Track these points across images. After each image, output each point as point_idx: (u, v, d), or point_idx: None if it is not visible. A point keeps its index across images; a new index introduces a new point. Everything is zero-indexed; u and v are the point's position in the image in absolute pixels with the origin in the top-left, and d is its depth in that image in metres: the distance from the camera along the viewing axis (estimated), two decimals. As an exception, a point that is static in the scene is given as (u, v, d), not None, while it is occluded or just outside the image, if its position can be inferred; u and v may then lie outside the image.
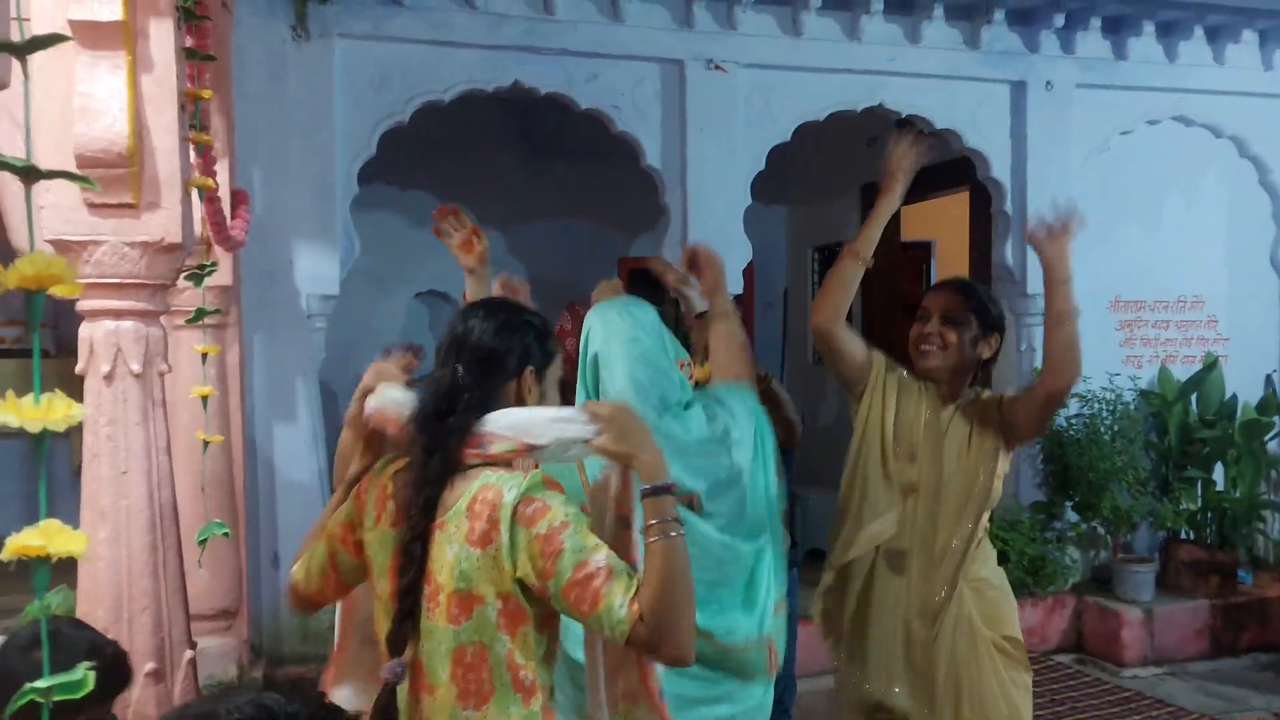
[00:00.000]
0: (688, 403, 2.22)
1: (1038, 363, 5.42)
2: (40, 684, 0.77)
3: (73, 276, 0.80)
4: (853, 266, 2.69)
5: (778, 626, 2.27)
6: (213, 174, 2.91)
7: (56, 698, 0.78)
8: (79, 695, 0.80)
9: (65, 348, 6.78)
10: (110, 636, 2.49)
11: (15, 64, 1.12)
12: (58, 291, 0.81)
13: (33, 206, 2.63)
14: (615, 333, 2.19)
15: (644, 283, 3.14)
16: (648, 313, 2.26)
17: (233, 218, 3.68)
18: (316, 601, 1.92)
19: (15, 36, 0.87)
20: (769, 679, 2.27)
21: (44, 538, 0.79)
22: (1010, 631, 2.75)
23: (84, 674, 0.79)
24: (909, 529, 2.71)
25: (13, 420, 0.79)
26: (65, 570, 1.23)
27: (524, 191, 7.89)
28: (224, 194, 3.55)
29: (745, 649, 2.17)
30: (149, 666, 2.47)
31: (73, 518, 6.74)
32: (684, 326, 2.84)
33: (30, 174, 0.80)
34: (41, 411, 0.78)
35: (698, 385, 2.39)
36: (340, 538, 1.81)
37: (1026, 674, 2.77)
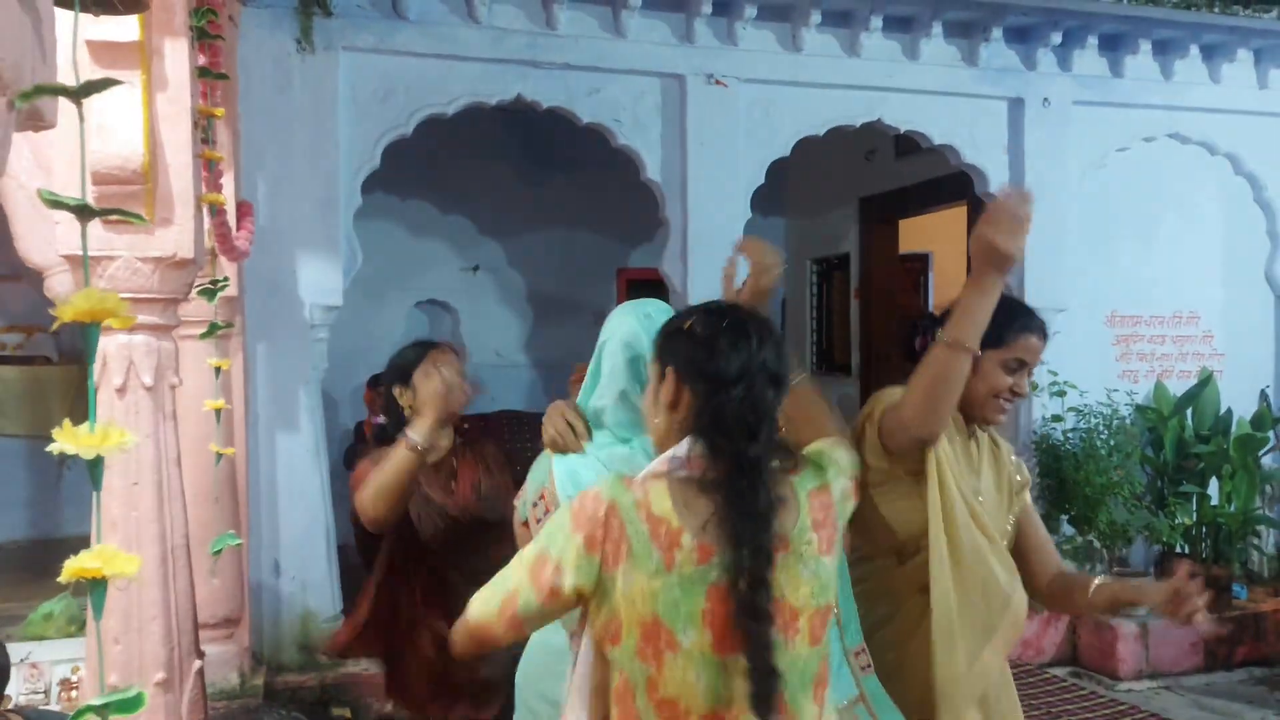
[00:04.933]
0: None
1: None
2: None
3: (125, 309, 0.84)
4: (961, 361, 1.97)
5: None
6: (219, 189, 2.95)
7: None
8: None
9: (67, 356, 6.82)
10: (120, 646, 2.53)
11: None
12: (113, 324, 0.84)
13: (49, 225, 2.67)
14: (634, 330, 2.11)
15: (645, 295, 3.13)
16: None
17: (237, 229, 3.72)
18: (487, 639, 1.69)
19: (69, 80, 0.91)
20: None
21: (101, 560, 0.83)
22: None
23: None
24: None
25: (69, 448, 0.82)
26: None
27: (524, 203, 7.94)
28: (229, 205, 3.58)
29: None
30: (158, 676, 2.49)
31: (66, 520, 6.70)
32: None
33: (84, 212, 0.84)
34: (97, 439, 0.81)
35: None
36: (535, 580, 1.59)
37: None
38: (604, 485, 1.60)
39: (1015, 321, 2.19)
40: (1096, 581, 2.23)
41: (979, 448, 2.28)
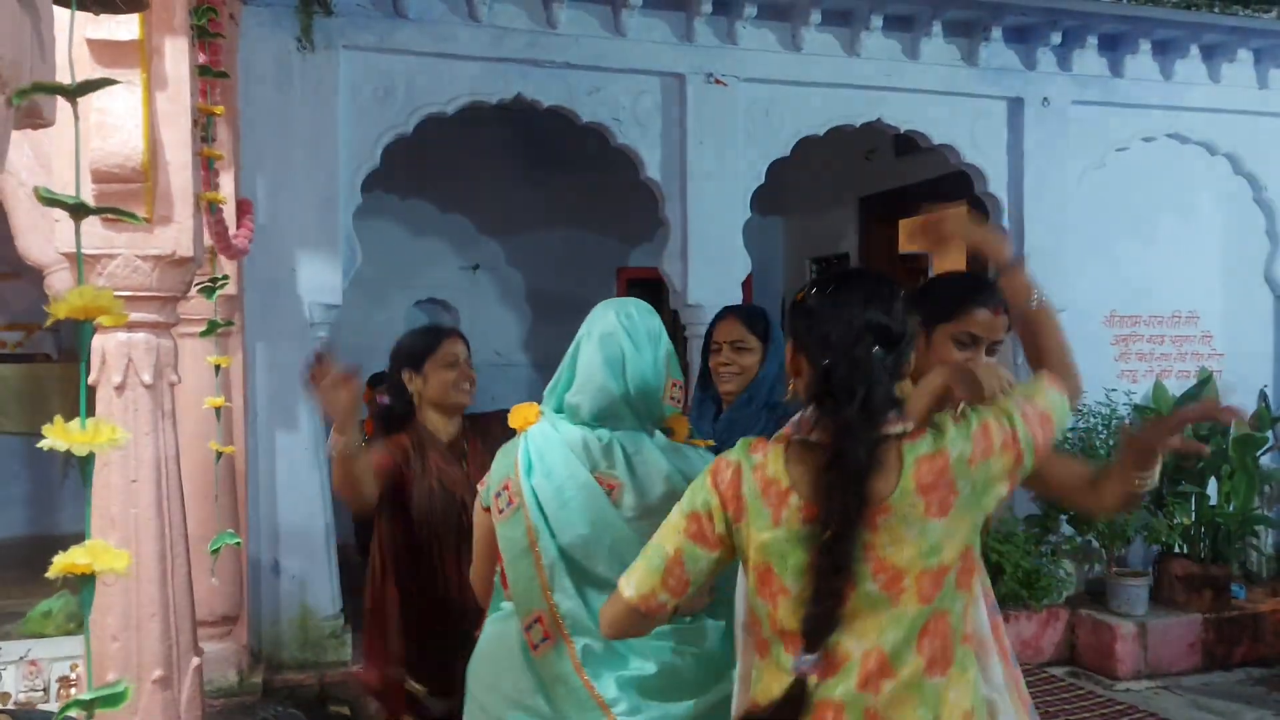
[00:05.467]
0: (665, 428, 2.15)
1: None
2: None
3: (119, 307, 0.84)
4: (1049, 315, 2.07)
5: None
6: (220, 187, 2.96)
7: None
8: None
9: (67, 353, 6.83)
10: (119, 643, 2.53)
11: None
12: (106, 322, 0.85)
13: (49, 222, 2.68)
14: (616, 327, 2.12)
15: (644, 293, 3.14)
16: (656, 330, 2.15)
17: (237, 227, 3.73)
18: (659, 615, 1.77)
19: (65, 78, 0.91)
20: None
21: (90, 556, 0.83)
22: None
23: None
24: None
25: (61, 444, 0.82)
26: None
27: (524, 202, 7.95)
28: (229, 203, 3.59)
29: None
30: (157, 674, 2.50)
31: (65, 518, 6.72)
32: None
33: (79, 210, 0.84)
34: (89, 435, 0.82)
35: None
36: (697, 536, 1.71)
37: None
38: (735, 450, 1.74)
39: (965, 295, 2.21)
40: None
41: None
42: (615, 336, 2.09)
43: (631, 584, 1.74)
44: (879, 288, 1.74)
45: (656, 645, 2.00)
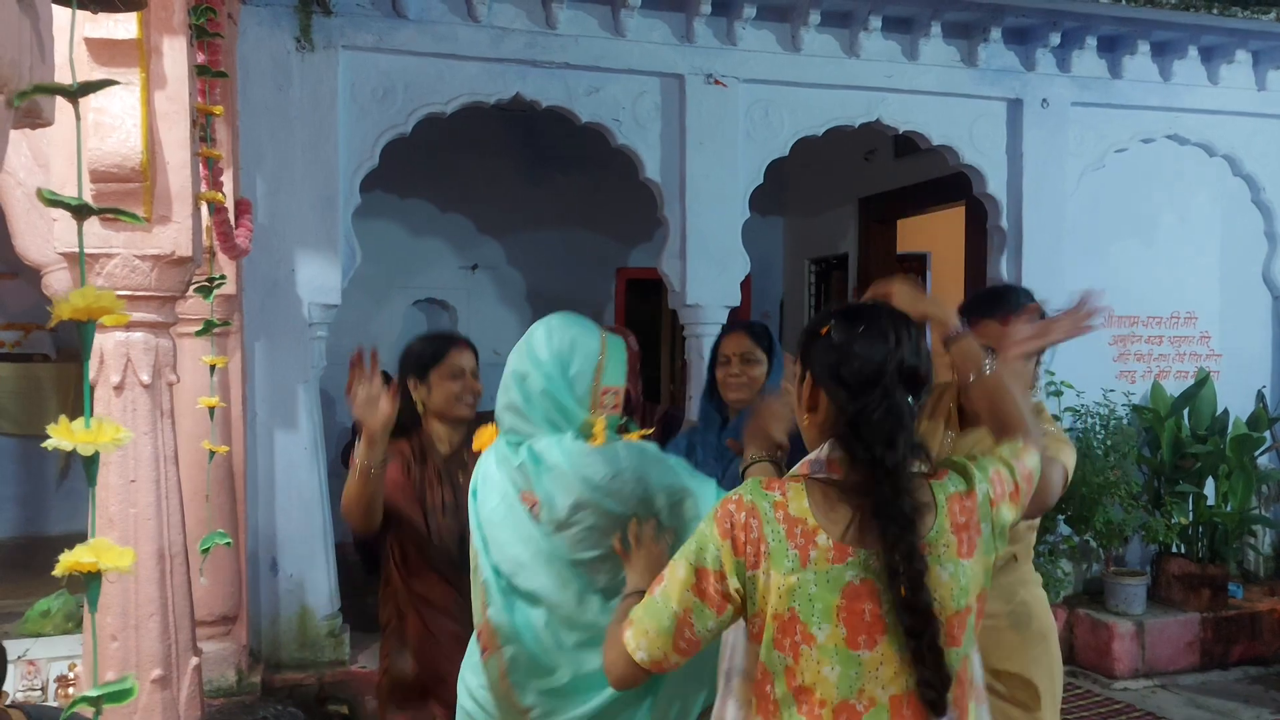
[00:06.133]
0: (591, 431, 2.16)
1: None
2: None
3: (121, 307, 0.84)
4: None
5: None
6: (219, 187, 2.95)
7: None
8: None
9: (64, 353, 6.83)
10: (117, 643, 2.53)
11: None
12: (106, 322, 0.85)
13: (47, 222, 2.67)
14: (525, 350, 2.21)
15: (643, 292, 3.18)
16: (568, 342, 2.18)
17: (236, 226, 3.72)
18: (669, 670, 1.72)
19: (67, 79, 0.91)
20: None
21: (95, 554, 0.83)
22: None
23: None
24: None
25: (65, 444, 0.83)
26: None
27: (523, 202, 7.95)
28: (228, 203, 3.58)
29: None
30: (155, 673, 2.50)
31: (56, 519, 6.72)
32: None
33: (82, 211, 0.84)
34: (93, 435, 0.82)
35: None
36: (705, 596, 1.63)
37: None
38: (745, 490, 1.65)
39: (974, 307, 2.38)
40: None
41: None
42: (521, 351, 2.20)
43: (643, 649, 1.66)
44: (907, 328, 1.70)
45: (577, 656, 2.09)
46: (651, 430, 2.41)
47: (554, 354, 2.15)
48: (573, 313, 2.29)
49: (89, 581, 0.83)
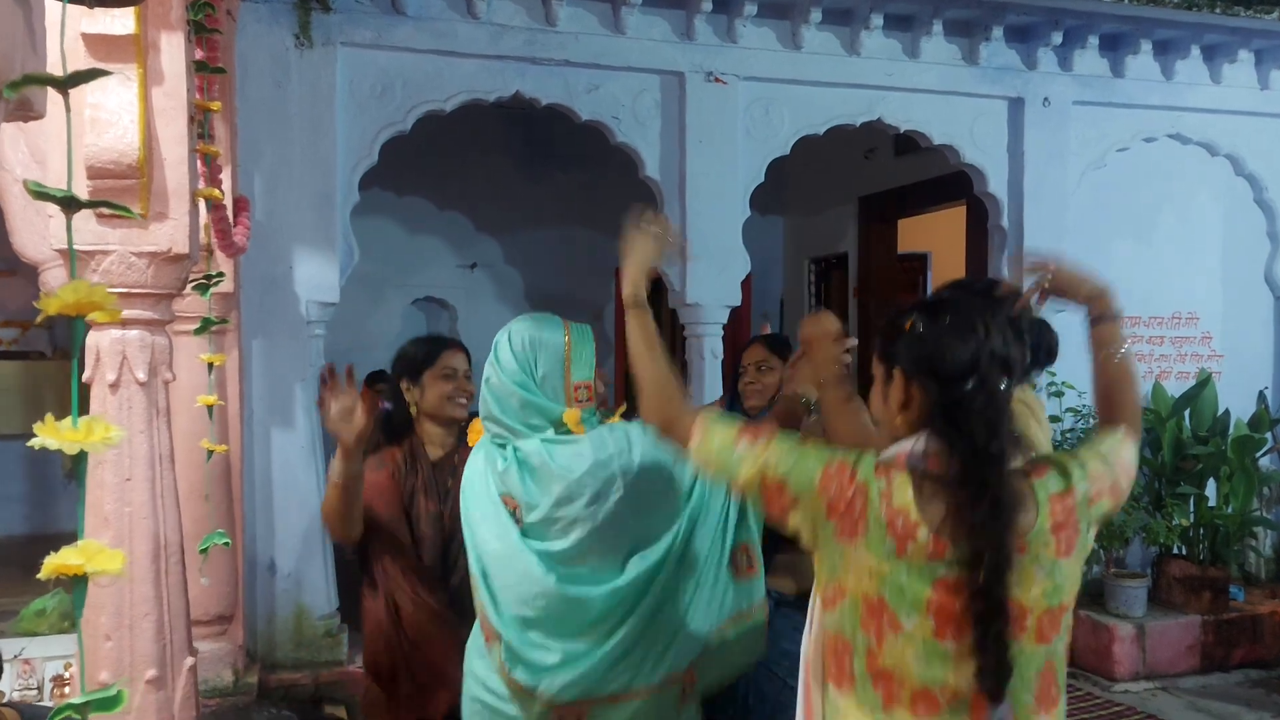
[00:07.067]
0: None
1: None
2: None
3: (112, 303, 0.82)
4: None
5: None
6: (218, 184, 2.93)
7: None
8: None
9: (61, 351, 6.80)
10: (111, 643, 2.51)
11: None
12: (102, 319, 0.83)
13: (44, 219, 2.65)
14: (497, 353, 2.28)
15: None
16: (531, 344, 2.26)
17: (234, 224, 3.70)
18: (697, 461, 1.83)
19: (56, 69, 0.89)
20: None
21: (83, 556, 0.81)
22: None
23: None
24: None
25: (51, 443, 0.80)
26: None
27: (523, 200, 7.93)
28: (226, 200, 3.56)
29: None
30: (150, 674, 2.48)
31: (64, 516, 6.71)
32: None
33: (71, 204, 0.82)
34: (81, 434, 0.80)
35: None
36: (769, 498, 1.70)
37: None
38: (862, 465, 1.64)
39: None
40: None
41: None
42: (490, 360, 2.27)
43: (697, 453, 1.77)
44: (995, 311, 1.68)
45: (567, 646, 2.16)
46: (624, 408, 2.48)
47: (520, 358, 2.24)
48: (538, 313, 2.38)
49: (75, 585, 0.80)
